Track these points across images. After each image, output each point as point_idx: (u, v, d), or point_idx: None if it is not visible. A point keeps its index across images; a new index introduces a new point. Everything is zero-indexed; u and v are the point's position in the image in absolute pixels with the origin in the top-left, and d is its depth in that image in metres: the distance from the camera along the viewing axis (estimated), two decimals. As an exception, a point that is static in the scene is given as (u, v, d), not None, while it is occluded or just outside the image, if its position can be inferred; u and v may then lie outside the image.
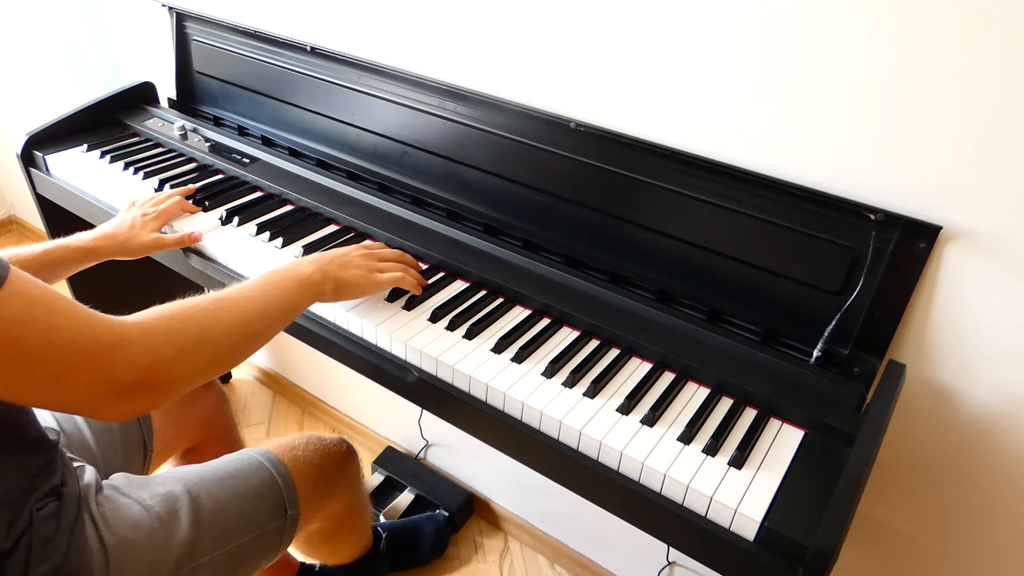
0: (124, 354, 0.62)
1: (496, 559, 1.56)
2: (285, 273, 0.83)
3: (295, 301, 0.82)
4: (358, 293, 0.92)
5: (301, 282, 0.83)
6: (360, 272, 0.91)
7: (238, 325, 0.73)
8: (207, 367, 0.70)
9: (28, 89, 2.09)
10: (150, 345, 0.64)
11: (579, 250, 1.04)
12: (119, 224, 1.06)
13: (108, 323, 0.62)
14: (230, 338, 0.72)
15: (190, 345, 0.67)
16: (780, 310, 0.91)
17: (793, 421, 0.82)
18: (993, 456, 0.88)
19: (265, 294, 0.78)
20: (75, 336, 0.59)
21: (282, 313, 0.80)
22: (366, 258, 0.94)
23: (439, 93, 1.12)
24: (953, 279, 0.81)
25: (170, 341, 0.66)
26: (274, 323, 0.79)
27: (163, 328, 0.66)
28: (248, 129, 1.40)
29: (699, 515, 0.74)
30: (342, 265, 0.90)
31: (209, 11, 1.39)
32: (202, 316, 0.70)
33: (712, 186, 0.91)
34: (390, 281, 0.93)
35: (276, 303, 0.79)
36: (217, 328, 0.71)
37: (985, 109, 0.73)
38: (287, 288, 0.81)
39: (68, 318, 0.60)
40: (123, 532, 0.82)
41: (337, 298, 0.89)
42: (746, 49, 0.85)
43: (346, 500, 1.14)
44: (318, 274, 0.86)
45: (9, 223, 2.63)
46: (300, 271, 0.85)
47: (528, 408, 0.82)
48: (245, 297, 0.76)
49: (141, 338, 0.64)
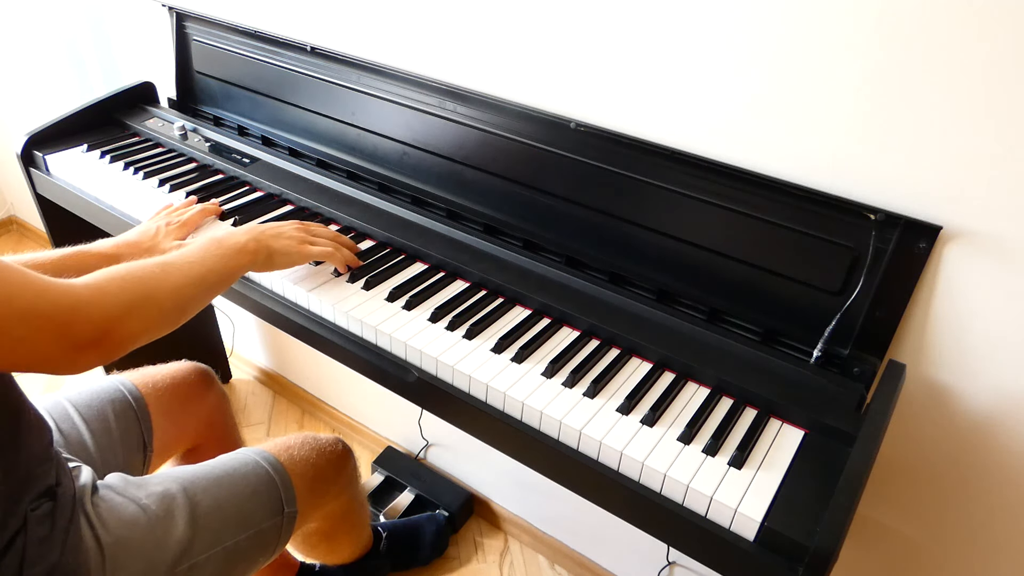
0: (79, 314, 0.67)
1: (496, 559, 1.56)
2: (222, 241, 0.89)
3: (231, 268, 0.89)
4: (288, 263, 0.97)
5: (238, 250, 0.90)
6: (291, 243, 0.96)
7: (182, 287, 0.79)
8: (155, 324, 0.76)
9: (28, 89, 2.09)
10: (103, 304, 0.69)
11: (579, 250, 1.04)
12: (143, 232, 1.06)
13: (62, 287, 0.67)
14: (175, 298, 0.78)
15: (138, 303, 0.73)
16: (780, 310, 0.91)
17: (793, 421, 0.82)
18: (993, 456, 0.88)
19: (205, 260, 0.84)
20: (33, 303, 0.64)
21: (220, 278, 0.87)
22: (299, 231, 0.99)
23: (439, 93, 1.12)
24: (953, 279, 0.81)
25: (120, 300, 0.71)
26: (213, 287, 0.86)
27: (114, 288, 0.71)
28: (248, 129, 1.40)
29: (699, 515, 0.74)
30: (275, 235, 0.95)
31: (209, 11, 1.39)
32: (149, 277, 0.76)
33: (712, 186, 0.91)
34: (319, 254, 0.99)
35: (215, 268, 0.85)
36: (163, 288, 0.77)
37: (985, 109, 0.73)
38: (224, 255, 0.88)
39: (24, 287, 0.64)
40: (119, 531, 0.82)
41: (269, 266, 0.95)
42: (746, 49, 0.85)
43: (343, 499, 1.14)
44: (252, 243, 0.92)
45: (9, 223, 2.63)
46: (236, 239, 0.91)
47: (528, 408, 0.82)
48: (188, 262, 0.82)
49: (94, 298, 0.69)
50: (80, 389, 1.04)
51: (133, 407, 1.05)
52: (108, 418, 1.02)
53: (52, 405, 0.99)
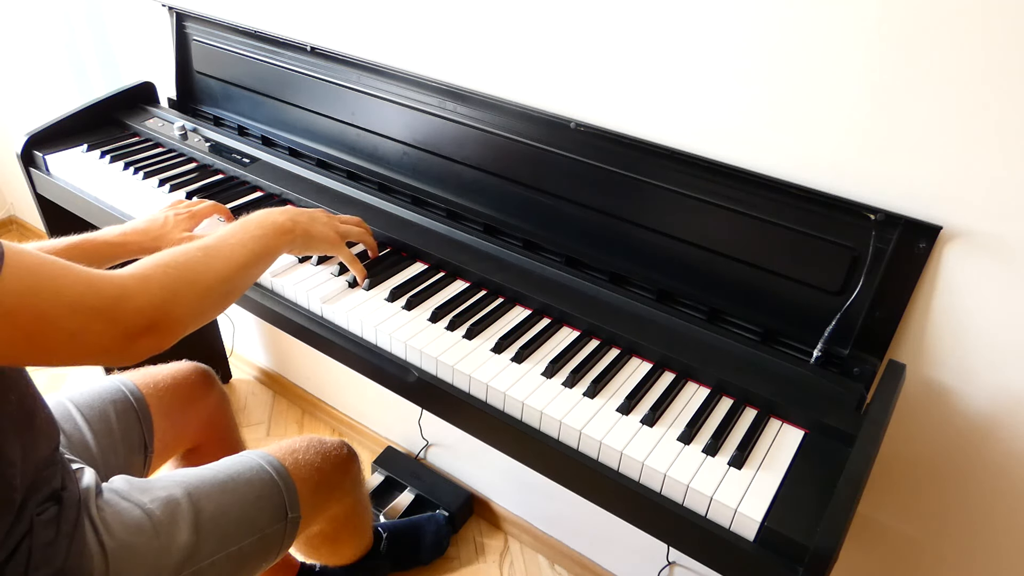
0: (128, 303, 0.66)
1: (496, 559, 1.56)
2: (262, 220, 0.88)
3: (271, 248, 0.88)
4: (325, 248, 0.97)
5: (276, 229, 0.88)
6: (327, 230, 0.96)
7: (225, 270, 0.79)
8: (202, 308, 0.76)
9: (28, 89, 2.09)
10: (150, 292, 0.69)
11: (579, 250, 1.04)
12: (152, 220, 1.05)
13: (108, 277, 0.67)
14: (220, 282, 0.77)
15: (185, 288, 0.73)
16: (780, 310, 0.91)
17: (793, 421, 0.82)
18: (993, 456, 0.88)
19: (245, 241, 0.84)
20: (82, 295, 0.63)
21: (260, 258, 0.85)
22: (332, 219, 0.99)
23: (439, 93, 1.12)
24: (953, 279, 0.81)
25: (166, 287, 0.71)
26: (254, 267, 0.85)
27: (159, 275, 0.71)
28: (248, 129, 1.40)
29: (699, 515, 0.74)
30: (311, 219, 0.95)
31: (209, 11, 1.39)
32: (193, 262, 0.75)
33: (712, 186, 0.92)
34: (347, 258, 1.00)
35: (256, 249, 0.84)
36: (208, 273, 0.76)
37: (985, 109, 0.73)
38: (264, 236, 0.86)
39: (71, 279, 0.63)
40: (123, 536, 0.82)
41: (305, 249, 0.95)
42: (746, 49, 0.85)
43: (347, 502, 1.14)
44: (290, 223, 0.91)
45: (9, 223, 2.63)
46: (275, 219, 0.89)
47: (528, 408, 0.82)
48: (229, 245, 0.81)
49: (141, 287, 0.68)
50: (82, 389, 1.04)
51: (134, 407, 1.05)
52: (110, 418, 1.01)
53: (54, 405, 0.99)
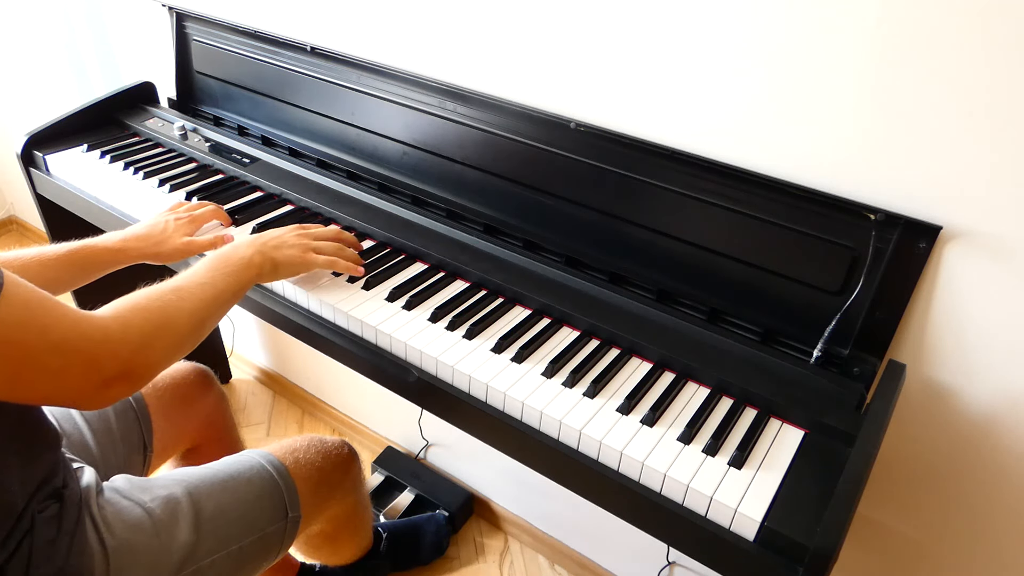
0: (108, 348, 0.67)
1: (496, 559, 1.56)
2: (228, 257, 0.89)
3: (241, 283, 0.89)
4: (293, 272, 0.97)
5: (243, 264, 0.90)
6: (295, 252, 0.96)
7: (197, 311, 0.80)
8: (174, 351, 0.77)
9: (28, 89, 2.09)
10: (128, 338, 0.70)
11: (579, 250, 1.04)
12: (152, 226, 1.04)
13: (92, 319, 0.68)
14: (191, 324, 0.79)
15: (159, 333, 0.74)
16: (780, 310, 0.91)
17: (793, 421, 0.82)
18: (993, 456, 0.88)
19: (215, 280, 0.85)
20: (67, 334, 0.64)
21: (230, 295, 0.87)
22: (300, 237, 0.99)
23: (439, 93, 1.12)
24: (953, 279, 0.81)
25: (144, 333, 0.72)
26: (224, 305, 0.86)
27: (138, 321, 0.72)
28: (248, 129, 1.40)
29: (699, 515, 0.74)
30: (277, 246, 0.95)
31: (209, 11, 1.39)
32: (166, 306, 0.76)
33: (712, 186, 0.91)
34: (324, 263, 0.98)
35: (225, 287, 0.86)
36: (180, 316, 0.77)
37: (985, 109, 0.73)
38: (232, 272, 0.88)
39: (60, 318, 0.64)
40: (124, 534, 0.82)
41: (274, 277, 0.95)
42: (746, 49, 0.85)
43: (347, 502, 1.14)
44: (257, 256, 0.92)
45: (9, 223, 2.63)
46: (241, 254, 0.91)
47: (528, 408, 0.82)
48: (199, 284, 0.82)
49: (120, 332, 0.69)
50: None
51: (133, 407, 1.05)
52: (109, 418, 1.02)
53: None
